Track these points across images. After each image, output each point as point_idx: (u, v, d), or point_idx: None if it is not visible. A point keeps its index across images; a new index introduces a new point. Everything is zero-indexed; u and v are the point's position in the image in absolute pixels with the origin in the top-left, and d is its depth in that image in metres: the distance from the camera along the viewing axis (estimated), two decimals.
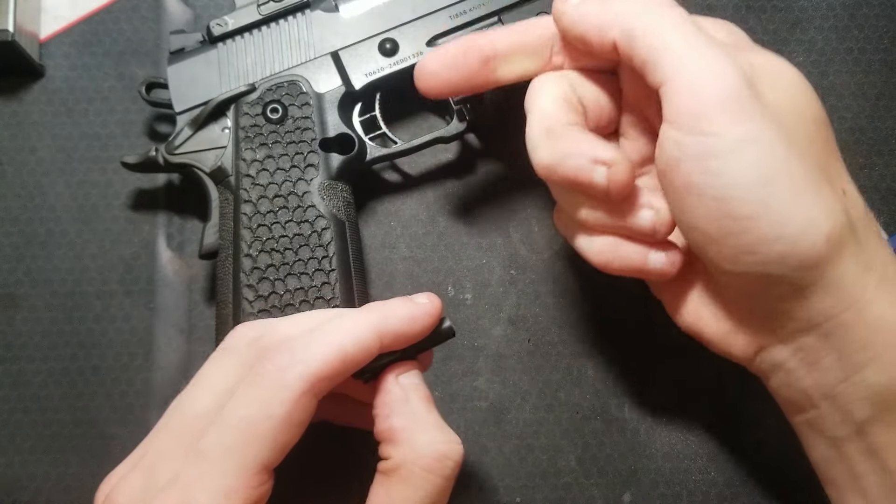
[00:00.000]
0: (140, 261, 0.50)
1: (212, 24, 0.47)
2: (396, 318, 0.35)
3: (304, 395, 0.32)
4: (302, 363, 0.32)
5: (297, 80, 0.47)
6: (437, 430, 0.34)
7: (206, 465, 0.31)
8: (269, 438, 0.31)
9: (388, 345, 0.34)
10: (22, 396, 0.48)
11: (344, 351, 0.33)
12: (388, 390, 0.35)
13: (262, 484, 0.31)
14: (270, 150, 0.45)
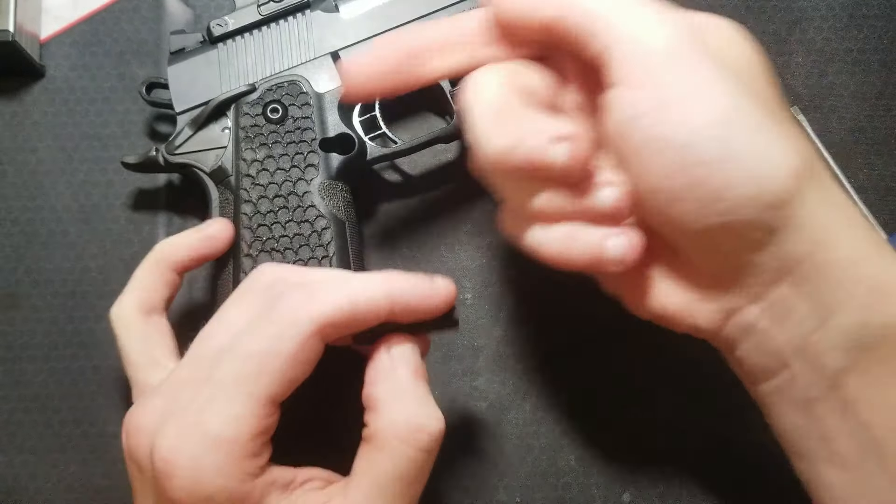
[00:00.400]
0: (140, 260, 0.50)
1: (212, 25, 0.47)
2: (412, 290, 0.36)
3: (312, 336, 0.33)
4: (314, 306, 0.34)
5: (297, 80, 0.47)
6: (416, 402, 0.35)
7: (218, 392, 0.33)
8: (278, 372, 0.33)
9: (398, 314, 0.35)
10: (22, 396, 0.48)
11: (355, 303, 0.34)
12: (378, 358, 0.36)
13: (269, 415, 0.33)
14: (270, 150, 0.46)
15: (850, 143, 0.53)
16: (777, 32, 0.54)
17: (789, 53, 0.54)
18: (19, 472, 0.48)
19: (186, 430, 0.32)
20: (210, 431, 0.32)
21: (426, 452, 0.34)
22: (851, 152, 0.53)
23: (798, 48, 0.54)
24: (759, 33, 0.54)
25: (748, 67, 0.34)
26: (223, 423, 0.32)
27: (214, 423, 0.32)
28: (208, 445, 0.32)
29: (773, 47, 0.54)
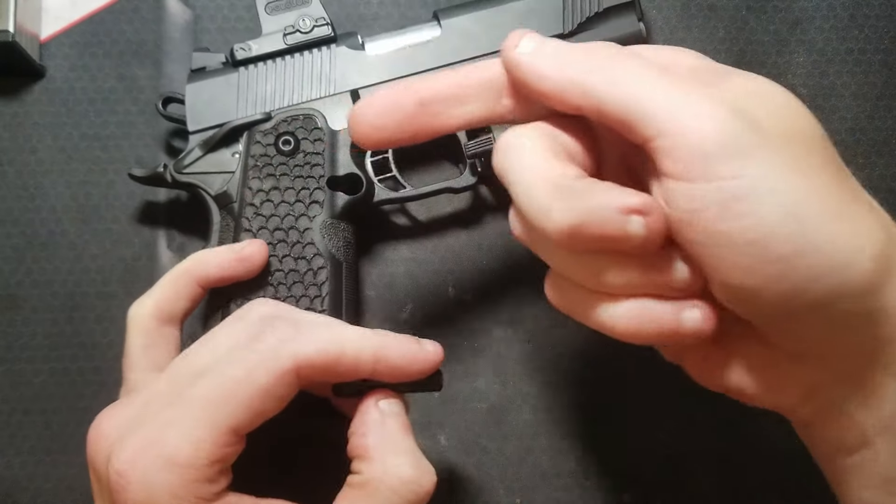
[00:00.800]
0: (141, 262, 0.50)
1: (235, 48, 0.47)
2: (399, 351, 0.37)
3: (288, 373, 0.34)
4: (298, 343, 0.34)
5: (313, 115, 0.46)
6: (409, 455, 0.35)
7: (183, 413, 0.33)
8: (246, 402, 0.33)
9: (381, 371, 0.36)
10: (22, 397, 0.48)
11: (340, 351, 0.35)
12: (367, 412, 0.37)
13: (229, 444, 0.33)
14: (277, 182, 0.45)
15: (851, 143, 0.53)
16: (778, 32, 0.54)
17: (790, 53, 0.54)
18: (19, 472, 0.48)
19: (144, 446, 0.32)
20: (166, 451, 0.32)
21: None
22: (852, 152, 0.53)
23: (799, 48, 0.54)
24: (760, 33, 0.54)
25: (806, 137, 0.31)
26: (181, 445, 0.32)
27: (172, 444, 0.32)
28: (162, 465, 0.32)
29: (773, 47, 0.54)
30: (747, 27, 0.54)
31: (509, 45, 0.34)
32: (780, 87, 0.32)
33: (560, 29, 0.49)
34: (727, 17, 0.54)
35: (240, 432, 0.33)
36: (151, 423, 0.33)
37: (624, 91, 0.30)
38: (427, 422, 0.49)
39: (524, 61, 0.33)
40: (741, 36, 0.54)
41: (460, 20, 0.49)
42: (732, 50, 0.54)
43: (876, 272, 0.29)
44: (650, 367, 0.50)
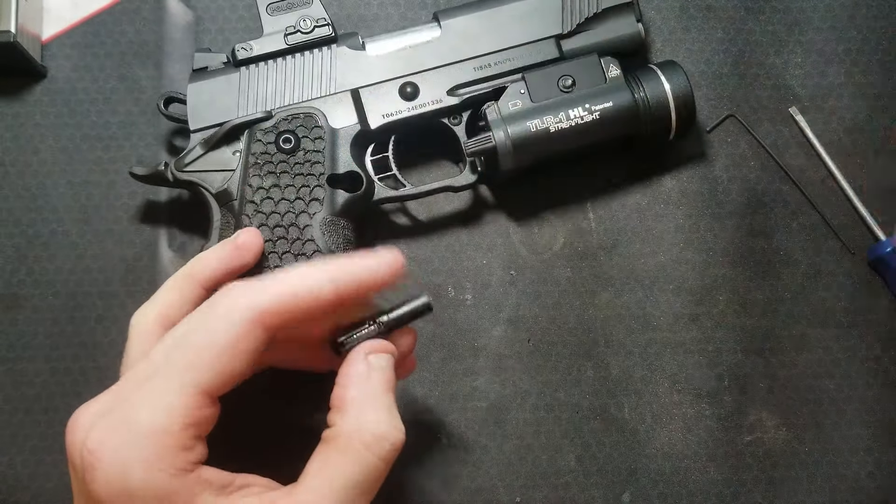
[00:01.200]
0: (142, 261, 0.50)
1: (237, 48, 0.47)
2: (355, 267, 0.37)
3: (250, 325, 0.33)
4: (252, 295, 0.34)
5: (313, 113, 0.47)
6: (386, 411, 0.35)
7: (151, 384, 0.32)
8: (212, 363, 0.33)
9: (346, 294, 0.36)
10: (24, 396, 0.48)
11: (294, 290, 0.34)
12: (354, 363, 0.36)
13: (202, 407, 0.33)
14: (278, 180, 0.45)
15: (850, 144, 0.53)
16: (776, 33, 0.54)
17: (789, 54, 0.54)
18: (21, 472, 0.48)
19: (115, 424, 0.32)
20: (138, 422, 0.31)
21: (385, 462, 0.34)
22: (851, 152, 0.53)
23: (797, 49, 0.54)
24: (759, 34, 0.54)
25: None
26: (152, 415, 0.32)
27: (143, 416, 0.32)
28: (135, 436, 0.31)
29: (772, 47, 0.54)
30: (746, 28, 0.54)
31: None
32: None
33: (559, 29, 0.49)
34: (726, 18, 0.54)
35: (211, 394, 0.33)
36: (123, 403, 0.33)
37: None
38: (427, 421, 0.49)
39: None
40: (740, 37, 0.54)
41: (460, 21, 0.49)
42: (731, 51, 0.54)
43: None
44: (650, 367, 0.50)
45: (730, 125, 0.53)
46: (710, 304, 0.51)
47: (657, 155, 0.52)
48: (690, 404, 0.49)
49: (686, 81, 0.48)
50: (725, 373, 0.50)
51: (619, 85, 0.48)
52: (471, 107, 0.49)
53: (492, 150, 0.47)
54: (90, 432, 0.32)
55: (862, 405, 0.50)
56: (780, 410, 0.50)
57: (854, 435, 0.50)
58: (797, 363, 0.50)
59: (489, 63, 0.48)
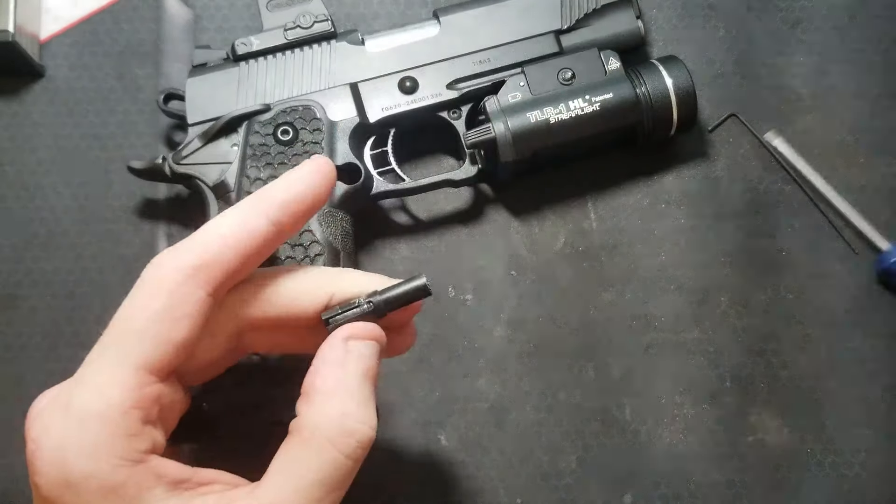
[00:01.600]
0: (140, 261, 0.48)
1: (237, 43, 0.48)
2: (285, 188, 0.33)
3: (182, 285, 0.30)
4: (178, 253, 0.31)
5: (311, 105, 0.47)
6: (356, 404, 0.31)
7: (88, 367, 0.30)
8: (150, 332, 0.30)
9: (285, 221, 0.33)
10: (22, 397, 0.48)
11: (222, 234, 0.32)
12: (330, 347, 0.33)
13: (144, 384, 0.29)
14: (275, 171, 0.45)
15: (852, 143, 0.53)
16: (778, 32, 0.54)
17: (790, 53, 0.54)
18: (19, 473, 0.47)
19: (58, 408, 0.29)
20: (78, 406, 0.28)
21: (352, 460, 0.31)
22: (853, 152, 0.53)
23: (799, 48, 0.54)
24: (761, 33, 0.54)
25: None
26: (90, 395, 0.28)
27: (82, 397, 0.28)
28: (73, 422, 0.28)
29: (774, 47, 0.54)
30: (747, 27, 0.54)
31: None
32: None
33: (558, 25, 0.49)
34: (727, 17, 0.54)
35: (155, 369, 0.30)
36: (69, 387, 0.30)
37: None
38: (427, 422, 0.49)
39: None
40: (741, 36, 0.54)
41: (459, 17, 0.49)
42: (733, 49, 0.54)
43: None
44: (652, 369, 0.50)
45: (731, 125, 0.53)
46: (711, 304, 0.50)
47: (658, 155, 0.52)
48: (692, 405, 0.49)
49: (687, 74, 0.48)
50: (727, 373, 0.50)
51: (619, 77, 0.48)
52: (470, 101, 0.49)
53: (491, 141, 0.47)
54: (34, 420, 0.30)
55: (864, 406, 0.50)
56: (782, 411, 0.49)
57: (856, 436, 0.49)
58: (799, 364, 0.50)
59: (488, 58, 0.49)
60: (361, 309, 0.34)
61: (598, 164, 0.52)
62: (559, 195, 0.52)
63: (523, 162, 0.48)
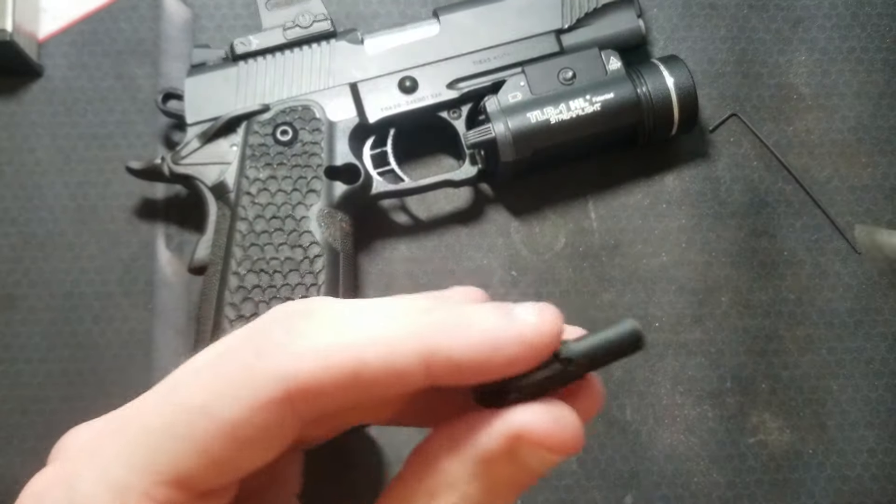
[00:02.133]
0: (139, 262, 0.50)
1: (235, 43, 0.48)
2: (466, 338, 0.21)
3: (270, 403, 0.21)
4: (290, 354, 0.21)
5: (310, 105, 0.47)
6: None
7: (114, 447, 0.22)
8: (201, 442, 0.21)
9: (440, 373, 0.21)
10: (21, 398, 0.48)
11: (358, 360, 0.21)
12: (482, 446, 0.22)
13: (166, 501, 0.21)
14: (275, 171, 0.45)
15: (854, 142, 0.53)
16: (780, 31, 0.54)
17: (792, 52, 0.54)
18: (18, 473, 0.47)
19: (57, 478, 0.23)
20: (76, 492, 0.22)
21: None
22: (855, 151, 0.53)
23: (801, 47, 0.54)
24: (762, 32, 0.54)
25: None
26: (94, 492, 0.22)
27: (84, 490, 0.22)
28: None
29: (775, 46, 0.54)
30: (749, 26, 0.54)
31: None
32: None
33: (559, 24, 0.49)
34: (728, 16, 0.54)
35: (190, 486, 0.21)
36: (87, 447, 0.23)
37: None
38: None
39: None
40: (742, 35, 0.53)
41: (459, 16, 0.49)
42: (734, 49, 0.53)
43: None
44: (653, 369, 0.50)
45: (732, 124, 0.53)
46: (712, 304, 0.50)
47: (659, 154, 0.52)
48: (693, 406, 0.49)
49: (688, 73, 0.48)
50: (728, 374, 0.49)
51: (620, 77, 0.48)
52: (470, 100, 0.49)
53: (492, 141, 0.47)
54: (35, 476, 0.24)
55: (866, 407, 0.50)
56: (784, 412, 0.49)
57: (858, 437, 0.49)
58: (801, 364, 0.50)
59: (488, 57, 0.48)
60: (552, 370, 0.22)
61: (598, 163, 0.51)
62: (560, 195, 0.51)
63: (523, 162, 0.47)
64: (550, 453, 0.21)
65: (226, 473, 0.22)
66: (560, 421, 0.21)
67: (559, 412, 0.21)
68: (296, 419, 0.21)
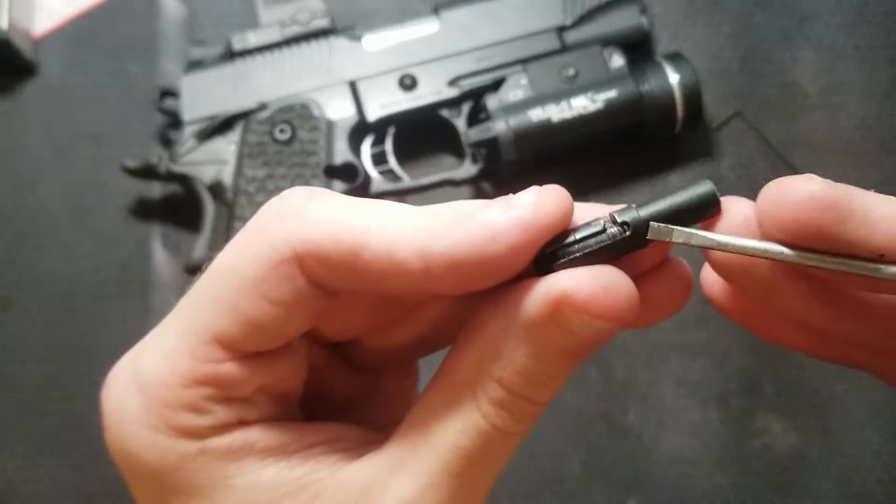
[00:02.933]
0: (135, 262, 0.49)
1: (233, 39, 0.47)
2: (462, 231, 0.21)
3: (284, 263, 0.23)
4: (300, 219, 0.23)
5: (309, 104, 0.47)
6: (527, 378, 0.22)
7: (165, 322, 0.25)
8: (230, 301, 0.23)
9: (445, 277, 0.21)
10: (16, 399, 0.48)
11: (361, 238, 0.22)
12: (526, 309, 0.21)
13: (213, 359, 0.24)
14: (273, 170, 0.45)
15: (859, 141, 0.52)
16: (785, 29, 0.53)
17: (797, 49, 0.53)
18: (13, 475, 0.47)
19: (120, 369, 0.25)
20: (139, 368, 0.25)
21: (502, 433, 0.23)
22: (860, 150, 0.52)
23: (806, 45, 0.53)
24: (767, 29, 0.53)
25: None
26: (154, 358, 0.24)
27: (146, 360, 0.25)
28: (134, 385, 0.25)
29: (780, 44, 0.53)
30: (753, 23, 0.53)
31: None
32: None
33: (560, 21, 0.49)
34: (733, 13, 0.53)
35: (228, 343, 0.24)
36: (141, 346, 0.26)
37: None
38: None
39: None
40: (747, 32, 0.53)
41: (459, 13, 0.49)
42: (739, 46, 0.53)
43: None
44: (656, 372, 0.49)
45: (737, 122, 0.52)
46: None
47: (663, 153, 0.52)
48: (697, 408, 0.49)
49: (692, 71, 0.48)
50: (732, 376, 0.49)
51: (622, 74, 0.48)
52: (471, 98, 0.48)
53: (493, 139, 0.46)
54: (107, 380, 0.26)
55: (871, 409, 0.49)
56: (788, 414, 0.49)
57: (863, 439, 0.49)
58: (805, 366, 0.49)
59: (490, 54, 0.48)
60: (610, 235, 0.21)
61: (601, 162, 0.51)
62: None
63: (525, 160, 0.47)
64: (596, 319, 0.21)
65: (261, 335, 0.24)
66: (607, 286, 0.21)
67: (608, 277, 0.21)
68: (301, 280, 0.23)
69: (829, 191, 0.22)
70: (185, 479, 0.25)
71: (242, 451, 0.24)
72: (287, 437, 0.25)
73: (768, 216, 0.23)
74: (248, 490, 0.24)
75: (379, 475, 0.24)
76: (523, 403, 0.23)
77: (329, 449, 0.25)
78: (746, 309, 0.26)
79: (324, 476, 0.24)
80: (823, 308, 0.24)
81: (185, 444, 0.24)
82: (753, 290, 0.24)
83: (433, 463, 0.23)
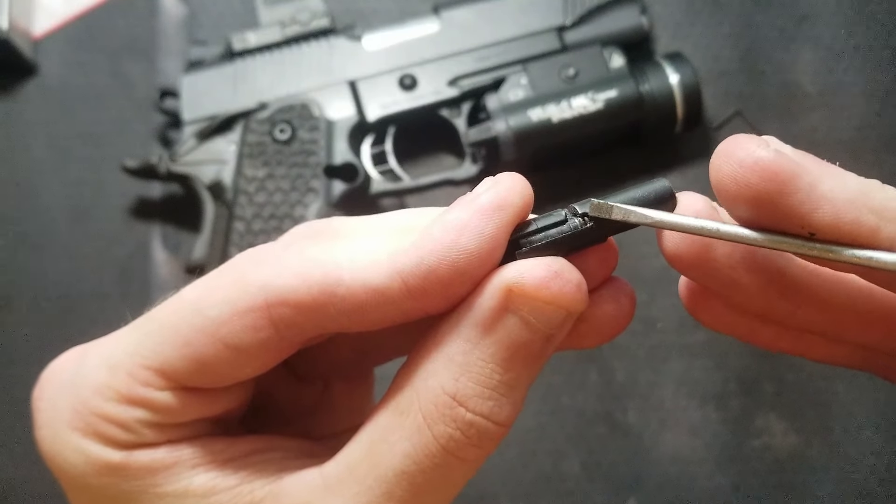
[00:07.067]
0: (135, 262, 0.49)
1: (233, 39, 0.47)
2: (430, 236, 0.21)
3: (252, 312, 0.22)
4: (273, 268, 0.22)
5: (308, 104, 0.47)
6: (479, 387, 0.22)
7: (123, 332, 0.24)
8: (183, 336, 0.23)
9: (427, 287, 0.21)
10: (15, 400, 0.48)
11: (334, 279, 0.21)
12: (488, 296, 0.21)
13: (150, 385, 0.23)
14: (273, 170, 0.45)
15: (859, 140, 0.52)
16: (785, 28, 0.53)
17: (797, 49, 0.53)
18: (13, 476, 0.47)
19: (75, 353, 0.25)
20: (79, 372, 0.24)
21: (458, 459, 0.22)
22: (860, 149, 0.52)
23: (806, 45, 0.53)
24: (767, 29, 0.53)
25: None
26: (95, 366, 0.24)
27: (89, 365, 0.24)
28: (72, 382, 0.24)
29: (780, 43, 0.53)
30: (753, 22, 0.53)
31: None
32: None
33: (560, 21, 0.49)
34: (733, 13, 0.53)
35: (170, 374, 0.23)
36: (106, 336, 0.25)
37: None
38: None
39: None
40: (747, 32, 0.53)
41: (459, 13, 0.49)
42: (738, 46, 0.53)
43: None
44: (656, 372, 0.49)
45: (737, 122, 0.52)
46: None
47: (663, 152, 0.51)
48: (697, 408, 0.48)
49: (692, 71, 0.48)
50: (732, 376, 0.49)
51: (622, 74, 0.48)
52: (471, 98, 0.48)
53: (492, 139, 0.46)
54: (46, 371, 0.25)
55: (871, 409, 0.49)
56: (789, 414, 0.49)
57: (863, 439, 0.49)
58: (805, 366, 0.49)
59: (490, 54, 0.48)
60: (570, 226, 0.22)
61: (601, 162, 0.51)
62: (561, 194, 0.51)
63: (525, 160, 0.47)
64: (548, 305, 0.21)
65: (208, 375, 0.23)
66: (558, 272, 0.21)
67: (558, 264, 0.21)
68: (278, 333, 0.22)
69: (779, 159, 0.21)
70: (112, 485, 0.24)
71: (169, 463, 0.24)
72: (218, 447, 0.24)
73: (713, 175, 0.23)
74: (179, 498, 0.24)
75: (313, 495, 0.23)
76: (480, 422, 0.21)
77: (265, 458, 0.24)
78: (721, 314, 0.26)
79: (259, 486, 0.24)
80: (781, 300, 0.24)
81: (110, 452, 0.24)
82: (711, 283, 0.24)
83: (374, 489, 0.22)
